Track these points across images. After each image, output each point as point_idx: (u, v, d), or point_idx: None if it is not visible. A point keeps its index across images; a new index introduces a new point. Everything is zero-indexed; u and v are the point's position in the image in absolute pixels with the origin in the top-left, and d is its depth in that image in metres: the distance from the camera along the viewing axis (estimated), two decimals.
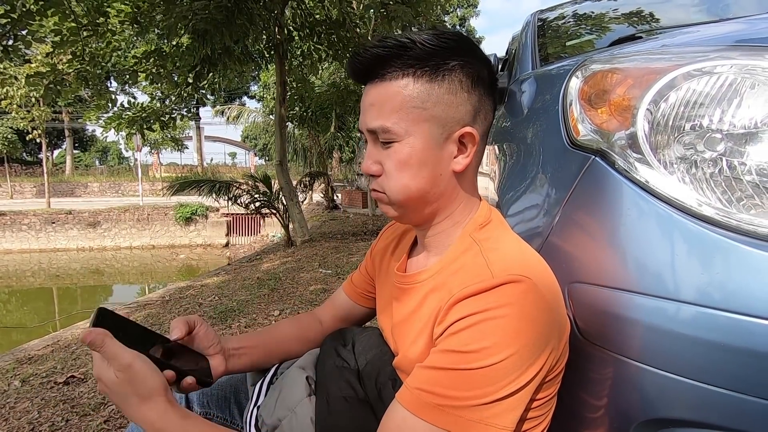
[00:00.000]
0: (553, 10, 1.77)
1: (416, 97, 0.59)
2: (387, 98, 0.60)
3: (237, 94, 26.87)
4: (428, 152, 0.60)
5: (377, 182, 0.64)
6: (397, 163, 0.61)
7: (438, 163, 0.61)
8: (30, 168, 26.14)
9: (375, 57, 0.60)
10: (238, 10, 5.51)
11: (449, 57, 0.60)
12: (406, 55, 0.59)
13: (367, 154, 0.64)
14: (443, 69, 0.59)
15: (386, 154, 0.62)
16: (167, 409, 0.58)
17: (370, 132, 0.62)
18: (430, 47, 0.58)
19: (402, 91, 0.59)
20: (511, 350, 0.50)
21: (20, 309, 9.75)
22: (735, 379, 0.47)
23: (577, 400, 0.62)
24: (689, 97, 0.56)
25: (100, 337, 0.57)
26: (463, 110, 0.61)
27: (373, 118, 0.61)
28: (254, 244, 13.51)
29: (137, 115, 6.29)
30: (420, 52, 0.58)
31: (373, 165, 0.63)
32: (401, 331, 0.68)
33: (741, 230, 0.50)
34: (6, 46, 4.21)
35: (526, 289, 0.51)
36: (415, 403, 0.52)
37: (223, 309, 3.39)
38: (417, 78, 0.59)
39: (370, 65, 0.61)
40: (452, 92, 0.60)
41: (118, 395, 0.58)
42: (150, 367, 0.59)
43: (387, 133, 0.60)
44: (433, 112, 0.59)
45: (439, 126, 0.60)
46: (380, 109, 0.60)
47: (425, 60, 0.59)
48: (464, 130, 0.61)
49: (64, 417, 1.87)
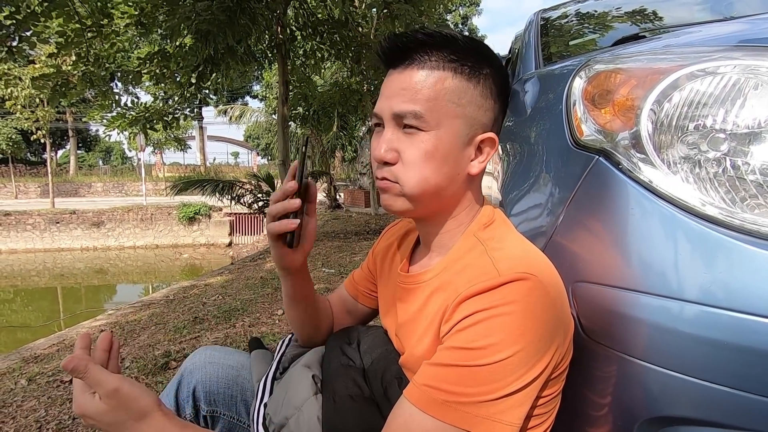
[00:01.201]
0: (556, 9, 1.77)
1: (453, 91, 0.59)
2: (425, 85, 0.59)
3: (239, 93, 26.92)
4: (453, 149, 0.60)
5: (390, 171, 0.61)
6: (423, 153, 0.59)
7: (458, 163, 0.62)
8: (34, 168, 26.26)
9: (420, 42, 0.60)
10: (241, 10, 5.52)
11: (484, 63, 0.61)
12: (450, 48, 0.59)
13: (383, 140, 0.61)
14: (479, 72, 0.61)
15: (409, 142, 0.60)
16: (165, 424, 0.56)
17: (395, 116, 0.60)
18: (472, 47, 0.60)
19: (442, 81, 0.59)
20: (517, 347, 0.50)
21: (25, 308, 9.80)
22: (738, 378, 0.48)
23: (581, 398, 0.62)
24: (693, 98, 0.56)
25: (83, 363, 0.55)
26: (489, 116, 0.63)
27: (403, 101, 0.59)
28: (257, 244, 13.53)
29: (140, 115, 6.32)
30: (462, 49, 0.60)
31: (389, 152, 0.60)
32: (406, 330, 0.68)
33: (744, 230, 0.50)
34: (10, 47, 4.24)
35: (532, 286, 0.52)
36: (423, 399, 0.52)
37: (227, 308, 3.41)
38: (457, 74, 0.60)
39: (411, 49, 0.60)
40: (484, 96, 0.62)
41: (110, 424, 0.56)
42: (137, 386, 0.57)
43: (418, 119, 0.59)
44: (465, 110, 0.60)
45: (467, 126, 0.61)
46: (414, 94, 0.59)
47: (465, 58, 0.60)
48: (486, 134, 0.62)
49: (71, 415, 1.88)
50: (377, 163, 0.63)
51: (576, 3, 1.79)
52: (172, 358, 2.36)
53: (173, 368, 2.26)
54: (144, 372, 2.21)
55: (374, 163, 0.64)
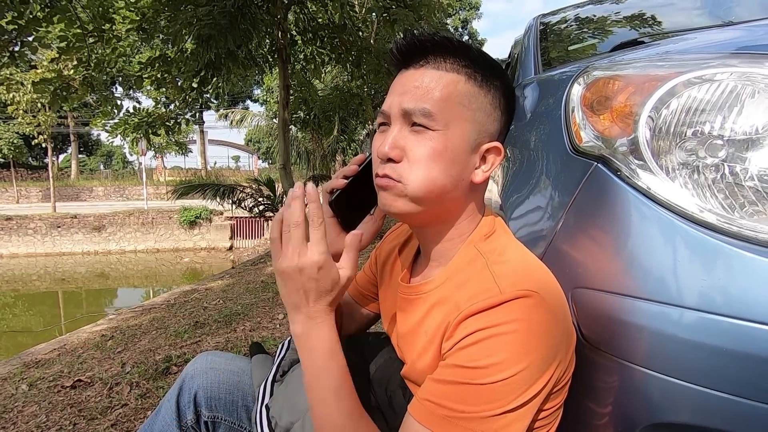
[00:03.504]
0: (555, 14, 1.78)
1: (465, 95, 0.60)
2: (438, 85, 0.59)
3: (240, 97, 27.00)
4: (461, 152, 0.60)
5: (393, 168, 0.60)
6: (432, 152, 0.58)
7: (464, 167, 0.61)
8: (36, 173, 26.31)
9: (437, 44, 0.61)
10: (242, 16, 5.55)
11: (495, 75, 0.63)
12: (465, 55, 0.61)
13: (389, 136, 0.60)
14: (490, 82, 0.62)
15: (416, 141, 0.59)
16: (331, 336, 0.60)
17: (405, 113, 0.60)
18: (485, 58, 0.62)
19: (456, 84, 0.60)
20: (521, 366, 0.50)
21: (26, 313, 9.80)
22: (738, 384, 0.48)
23: (580, 404, 0.62)
24: (690, 104, 0.56)
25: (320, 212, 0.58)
26: (497, 126, 0.64)
27: (415, 98, 0.59)
28: (258, 248, 13.53)
29: (142, 120, 6.34)
30: (477, 58, 0.61)
31: (395, 149, 0.59)
32: (407, 342, 0.67)
33: (742, 236, 0.51)
34: (12, 51, 4.25)
35: (534, 304, 0.52)
36: (425, 414, 0.53)
37: (228, 313, 3.40)
38: (469, 78, 0.61)
39: (428, 49, 0.61)
40: (493, 105, 0.62)
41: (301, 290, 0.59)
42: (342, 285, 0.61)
43: (427, 117, 0.58)
44: (475, 115, 0.61)
45: (475, 131, 0.61)
46: (427, 92, 0.59)
47: (478, 66, 0.61)
48: (493, 144, 0.62)
49: (72, 421, 1.88)
50: (380, 160, 0.61)
51: (575, 8, 1.79)
52: (173, 363, 2.36)
53: (174, 373, 2.26)
54: (145, 377, 2.20)
55: (376, 161, 0.62)
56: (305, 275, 0.57)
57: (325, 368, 0.59)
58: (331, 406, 0.57)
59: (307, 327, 0.59)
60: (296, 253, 0.57)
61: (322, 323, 0.60)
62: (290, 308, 0.60)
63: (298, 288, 0.58)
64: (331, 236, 0.74)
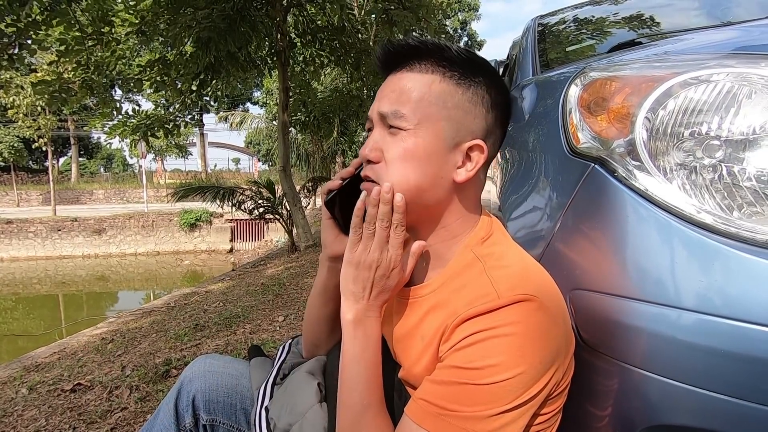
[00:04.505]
0: (554, 15, 1.78)
1: (440, 95, 0.60)
2: (411, 87, 0.61)
3: (240, 100, 27.01)
4: (435, 150, 0.60)
5: (372, 169, 0.62)
6: (403, 152, 0.60)
7: (442, 166, 0.61)
8: (36, 176, 26.31)
9: (412, 48, 0.62)
10: (241, 18, 5.56)
11: (477, 71, 0.62)
12: (441, 55, 0.61)
13: (370, 139, 0.63)
14: (470, 79, 0.62)
15: (391, 141, 0.61)
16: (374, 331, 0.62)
17: (381, 117, 0.62)
18: (464, 56, 0.61)
19: (428, 85, 0.60)
20: (518, 369, 0.50)
21: (26, 316, 9.79)
22: (736, 386, 0.48)
23: (579, 406, 0.62)
24: (687, 105, 0.56)
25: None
26: (479, 124, 0.63)
27: (390, 102, 0.61)
28: (258, 250, 13.53)
29: (142, 122, 6.34)
30: (454, 57, 0.61)
31: (373, 150, 0.62)
32: (403, 345, 0.67)
33: (740, 237, 0.50)
34: (11, 54, 4.26)
35: (533, 307, 0.52)
36: (419, 412, 0.53)
37: (228, 315, 3.40)
38: (445, 77, 0.61)
39: (403, 54, 0.62)
40: (473, 102, 0.62)
41: (361, 280, 0.61)
42: None
43: (399, 118, 0.60)
44: (451, 113, 0.61)
45: (452, 129, 0.61)
46: (400, 95, 0.61)
47: (456, 65, 0.61)
48: (475, 141, 0.62)
49: (72, 424, 1.88)
50: (364, 163, 0.64)
51: (574, 8, 1.80)
52: (173, 366, 2.36)
53: (174, 376, 2.26)
54: (145, 380, 2.20)
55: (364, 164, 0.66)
56: (378, 272, 0.61)
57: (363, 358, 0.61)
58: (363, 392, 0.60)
59: (360, 318, 0.62)
60: (377, 250, 0.60)
61: (374, 318, 0.63)
62: (347, 295, 0.63)
63: (364, 280, 0.61)
64: (330, 237, 0.75)
